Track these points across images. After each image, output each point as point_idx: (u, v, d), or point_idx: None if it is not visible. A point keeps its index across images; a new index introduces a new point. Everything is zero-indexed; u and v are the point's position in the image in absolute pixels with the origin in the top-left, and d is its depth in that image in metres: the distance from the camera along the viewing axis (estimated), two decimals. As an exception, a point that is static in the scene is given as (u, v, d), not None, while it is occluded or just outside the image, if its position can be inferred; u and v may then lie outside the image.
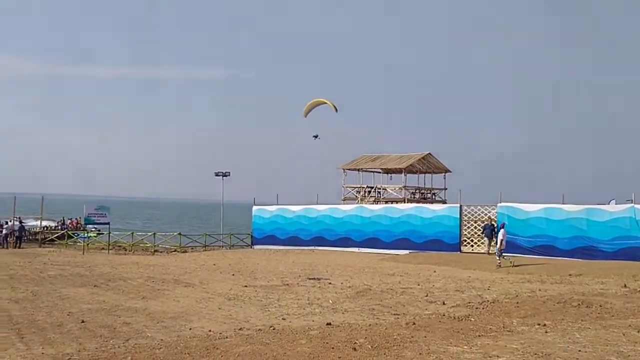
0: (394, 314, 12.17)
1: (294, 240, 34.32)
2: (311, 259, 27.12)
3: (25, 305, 13.17)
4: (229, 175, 40.55)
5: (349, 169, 43.77)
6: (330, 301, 14.03)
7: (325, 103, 34.61)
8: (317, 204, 34.89)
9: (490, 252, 25.23)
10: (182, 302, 14.03)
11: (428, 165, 42.66)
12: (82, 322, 11.13)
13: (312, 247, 33.01)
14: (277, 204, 36.35)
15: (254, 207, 36.91)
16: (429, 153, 42.06)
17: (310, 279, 18.96)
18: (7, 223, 36.10)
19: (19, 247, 33.64)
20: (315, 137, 35.73)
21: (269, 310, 12.74)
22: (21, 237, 34.93)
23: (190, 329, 10.67)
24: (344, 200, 42.07)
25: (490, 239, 25.78)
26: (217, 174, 40.44)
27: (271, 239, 35.27)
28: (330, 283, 17.72)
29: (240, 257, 28.49)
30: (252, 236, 36.80)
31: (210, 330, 10.44)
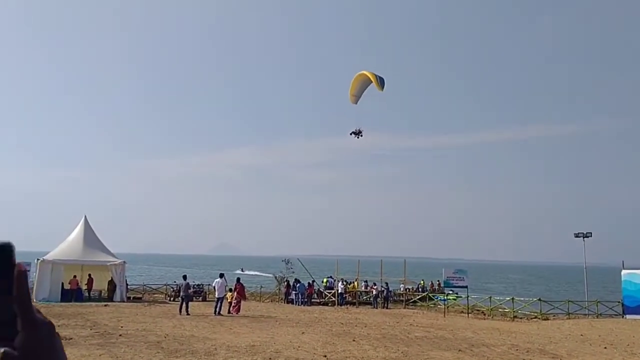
0: None
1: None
2: None
3: (399, 364, 14.14)
4: (591, 236, 37.40)
5: None
6: None
7: (370, 81, 25.89)
8: None
9: None
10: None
11: None
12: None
13: None
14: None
15: (624, 272, 32.98)
16: None
17: None
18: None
19: (387, 308, 36.66)
20: (357, 134, 26.46)
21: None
22: (388, 297, 38.09)
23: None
24: None
25: None
26: (577, 235, 37.73)
27: (648, 308, 30.86)
28: None
29: (611, 328, 25.54)
30: (622, 304, 32.78)
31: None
